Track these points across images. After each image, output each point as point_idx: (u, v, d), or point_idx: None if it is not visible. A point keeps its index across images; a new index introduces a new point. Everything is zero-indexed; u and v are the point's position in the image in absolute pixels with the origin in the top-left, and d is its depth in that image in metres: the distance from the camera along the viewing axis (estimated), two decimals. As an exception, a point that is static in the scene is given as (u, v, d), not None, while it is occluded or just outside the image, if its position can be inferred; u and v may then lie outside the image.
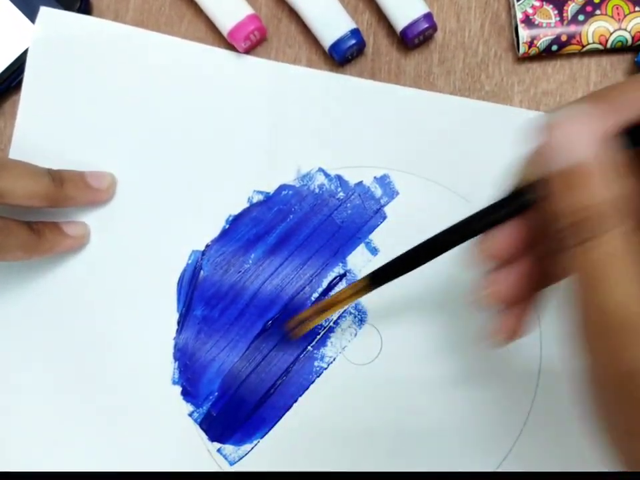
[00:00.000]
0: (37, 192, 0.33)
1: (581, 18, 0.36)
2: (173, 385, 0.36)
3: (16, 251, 0.33)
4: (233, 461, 0.36)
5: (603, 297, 0.20)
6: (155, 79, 0.38)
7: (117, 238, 0.37)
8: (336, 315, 0.36)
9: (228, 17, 0.37)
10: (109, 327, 0.37)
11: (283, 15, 0.39)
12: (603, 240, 0.20)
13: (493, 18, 0.38)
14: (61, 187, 0.34)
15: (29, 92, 0.38)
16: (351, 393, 0.36)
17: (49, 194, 0.34)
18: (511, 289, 0.25)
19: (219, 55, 0.38)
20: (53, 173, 0.34)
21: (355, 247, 0.37)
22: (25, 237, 0.33)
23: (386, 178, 0.37)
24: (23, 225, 0.34)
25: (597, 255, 0.20)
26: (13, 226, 0.33)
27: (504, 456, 0.36)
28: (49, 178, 0.34)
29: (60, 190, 0.34)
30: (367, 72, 0.38)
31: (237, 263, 0.37)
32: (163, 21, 0.39)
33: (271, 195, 0.37)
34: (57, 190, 0.34)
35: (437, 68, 0.38)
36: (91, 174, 0.36)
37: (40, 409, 0.37)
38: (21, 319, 0.37)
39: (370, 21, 0.39)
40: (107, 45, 0.38)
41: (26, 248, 0.34)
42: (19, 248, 0.33)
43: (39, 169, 0.34)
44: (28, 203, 0.33)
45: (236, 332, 0.37)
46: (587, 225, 0.20)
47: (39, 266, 0.37)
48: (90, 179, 0.36)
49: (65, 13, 0.38)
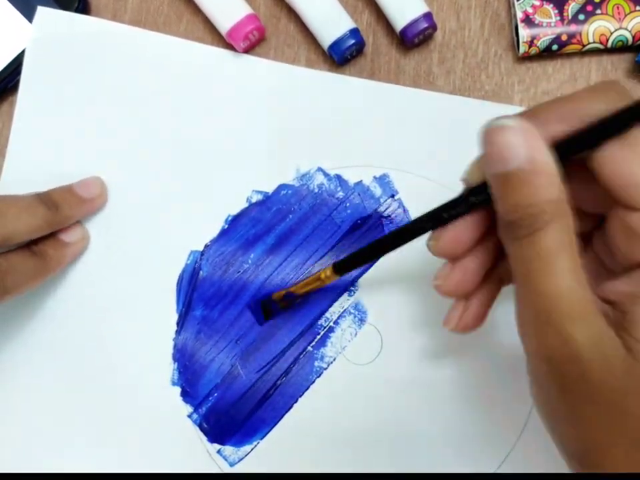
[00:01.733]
0: (37, 225, 0.33)
1: (582, 17, 0.36)
2: (172, 385, 0.36)
3: (29, 282, 0.33)
4: (233, 462, 0.36)
5: (539, 286, 0.22)
6: (152, 78, 0.38)
7: (115, 239, 0.37)
8: (336, 315, 0.36)
9: (226, 16, 0.37)
10: (107, 328, 0.37)
11: (281, 14, 0.39)
12: (543, 234, 0.21)
13: (493, 17, 0.38)
14: (56, 212, 0.34)
15: (26, 92, 0.38)
16: (351, 393, 0.36)
17: (48, 222, 0.34)
18: (454, 283, 0.27)
19: (217, 55, 0.38)
20: (44, 199, 0.34)
21: (354, 247, 0.37)
22: (32, 266, 0.33)
23: (385, 177, 0.37)
24: (25, 254, 0.33)
25: (537, 248, 0.22)
26: (16, 260, 0.33)
27: (504, 457, 0.36)
28: (44, 207, 0.34)
29: (57, 214, 0.34)
30: (366, 72, 0.38)
31: (236, 263, 0.37)
32: (161, 20, 0.39)
33: (270, 194, 0.37)
34: (54, 216, 0.34)
35: (437, 68, 0.38)
36: (79, 185, 0.36)
37: (39, 410, 0.36)
38: (19, 322, 0.37)
39: (369, 21, 0.39)
40: (104, 45, 0.38)
41: (37, 275, 0.34)
42: (29, 280, 0.33)
43: (31, 202, 0.33)
44: (29, 237, 0.33)
45: (235, 332, 0.36)
46: (529, 221, 0.22)
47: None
48: (80, 190, 0.36)
49: (62, 13, 0.38)
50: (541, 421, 0.24)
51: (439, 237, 0.26)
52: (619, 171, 0.22)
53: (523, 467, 0.35)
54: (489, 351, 0.36)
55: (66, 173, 0.36)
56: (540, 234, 0.21)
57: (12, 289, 0.32)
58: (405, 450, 0.36)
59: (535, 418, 0.35)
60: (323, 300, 0.37)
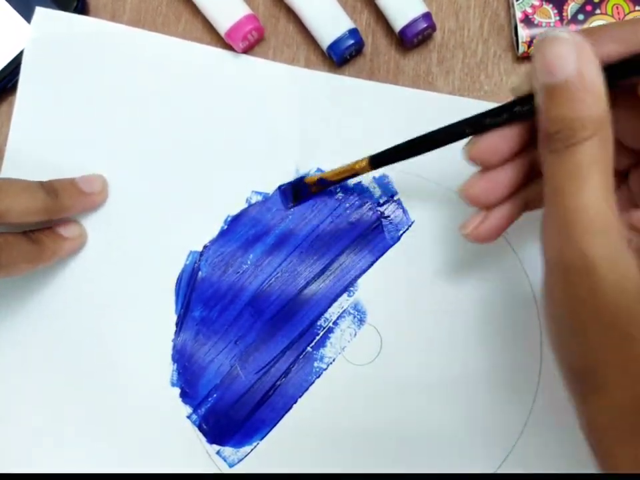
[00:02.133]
0: (34, 207, 0.33)
1: (581, 17, 0.36)
2: (172, 386, 0.36)
3: (20, 264, 0.33)
4: (233, 463, 0.36)
5: (567, 198, 0.22)
6: (152, 79, 0.38)
7: (114, 239, 0.37)
8: (335, 315, 0.36)
9: (225, 16, 0.37)
10: (107, 329, 0.37)
11: (280, 14, 0.39)
12: (580, 148, 0.22)
13: (492, 17, 0.38)
14: (56, 199, 0.34)
15: (24, 93, 0.38)
16: (351, 394, 0.36)
17: (46, 207, 0.33)
18: (480, 189, 0.27)
19: (216, 55, 0.38)
20: (46, 186, 0.34)
21: (353, 247, 0.37)
22: (27, 249, 0.33)
23: (385, 178, 0.37)
24: (22, 237, 0.33)
25: (573, 161, 0.22)
26: (13, 240, 0.33)
27: (505, 457, 0.35)
28: (44, 192, 0.33)
29: (56, 202, 0.34)
30: (365, 72, 0.38)
31: (236, 263, 0.37)
32: (160, 20, 0.39)
33: (269, 195, 0.37)
34: (53, 202, 0.34)
35: (436, 68, 0.38)
36: (81, 179, 0.36)
37: (38, 411, 0.36)
38: (17, 323, 0.37)
39: (368, 21, 0.38)
40: (103, 45, 0.38)
41: (29, 259, 0.33)
42: (23, 261, 0.33)
43: (32, 184, 0.34)
44: (26, 219, 0.33)
45: (235, 333, 0.36)
46: (568, 134, 0.22)
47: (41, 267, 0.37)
48: (82, 184, 0.36)
49: (61, 14, 0.38)
50: (549, 339, 0.24)
51: (477, 142, 0.26)
52: None
53: (523, 467, 0.35)
54: (489, 350, 0.36)
55: (64, 173, 0.36)
56: (578, 148, 0.22)
57: (5, 266, 0.32)
58: (405, 450, 0.36)
59: (535, 418, 0.35)
60: (322, 300, 0.37)
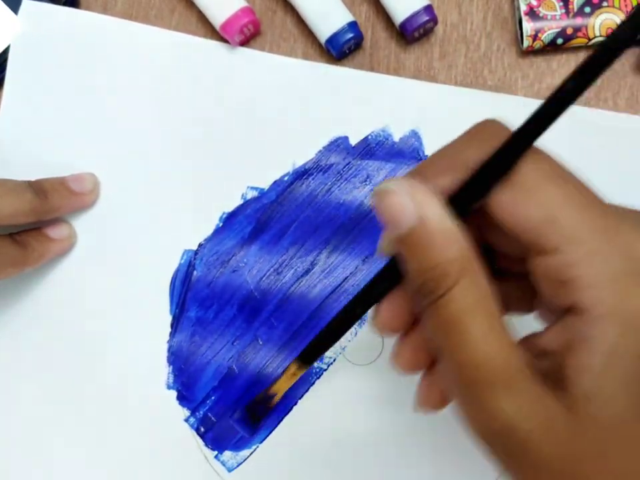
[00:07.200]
0: (22, 210, 0.32)
1: (588, 10, 0.36)
2: (168, 389, 0.36)
3: (6, 268, 0.32)
4: (232, 468, 0.35)
5: (456, 356, 0.19)
6: (144, 73, 0.37)
7: (106, 238, 0.37)
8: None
9: (220, 9, 0.36)
10: (100, 331, 0.36)
11: (277, 7, 0.38)
12: (450, 298, 0.19)
13: (496, 10, 0.37)
14: (45, 199, 0.33)
15: (12, 89, 0.37)
16: (352, 394, 0.36)
17: (34, 208, 0.33)
18: (405, 360, 0.24)
19: (211, 47, 0.37)
20: (34, 186, 0.33)
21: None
22: (12, 252, 0.33)
23: (385, 175, 0.37)
24: (6, 240, 0.33)
25: (447, 313, 0.19)
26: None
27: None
28: (32, 192, 0.33)
29: (45, 202, 0.33)
30: (365, 66, 0.38)
31: (232, 262, 0.36)
32: (152, 13, 0.38)
33: (265, 190, 0.37)
34: (41, 203, 0.33)
35: (438, 62, 0.37)
36: (72, 178, 0.35)
37: (32, 415, 0.36)
38: (10, 325, 0.36)
39: (368, 14, 0.38)
40: (94, 39, 0.37)
41: (15, 263, 0.33)
42: (8, 264, 0.33)
43: (19, 184, 0.33)
44: (13, 221, 0.32)
45: (231, 333, 0.36)
46: (433, 285, 0.20)
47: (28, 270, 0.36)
48: (72, 184, 0.35)
49: (49, 6, 0.37)
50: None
51: (376, 316, 0.24)
52: (514, 216, 0.20)
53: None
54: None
55: (54, 172, 0.35)
56: (447, 299, 0.19)
57: None
58: (405, 450, 0.35)
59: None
60: (321, 298, 0.36)
